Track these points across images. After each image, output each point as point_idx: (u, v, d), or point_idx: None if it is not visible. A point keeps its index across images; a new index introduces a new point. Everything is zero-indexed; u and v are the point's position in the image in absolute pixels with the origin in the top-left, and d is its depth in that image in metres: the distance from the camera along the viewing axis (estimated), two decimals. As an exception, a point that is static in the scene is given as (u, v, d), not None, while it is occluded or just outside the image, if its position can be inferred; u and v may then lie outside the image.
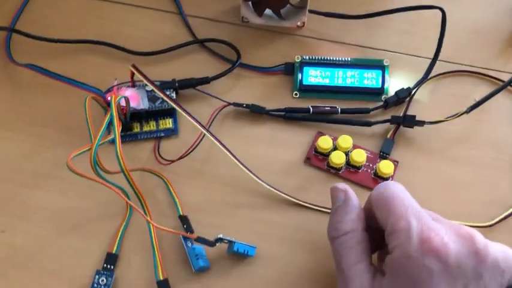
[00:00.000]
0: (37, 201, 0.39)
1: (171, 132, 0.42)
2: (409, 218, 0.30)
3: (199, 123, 0.38)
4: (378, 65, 0.44)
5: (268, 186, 0.40)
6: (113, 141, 0.40)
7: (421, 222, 0.29)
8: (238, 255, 0.37)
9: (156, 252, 0.36)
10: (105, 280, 0.36)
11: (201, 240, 0.36)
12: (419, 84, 0.44)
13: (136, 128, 0.42)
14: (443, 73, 0.45)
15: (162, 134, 0.42)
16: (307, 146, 0.42)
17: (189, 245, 0.37)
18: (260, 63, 0.45)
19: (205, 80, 0.43)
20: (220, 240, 0.36)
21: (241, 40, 0.46)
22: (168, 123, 0.42)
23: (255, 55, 0.46)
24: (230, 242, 0.36)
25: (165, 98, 0.39)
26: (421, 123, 0.41)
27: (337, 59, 0.45)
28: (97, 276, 0.36)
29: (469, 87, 0.45)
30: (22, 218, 0.39)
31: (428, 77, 0.44)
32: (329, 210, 0.39)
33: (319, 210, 0.39)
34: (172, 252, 0.38)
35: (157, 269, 0.36)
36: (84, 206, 0.39)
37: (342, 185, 0.34)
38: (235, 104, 0.43)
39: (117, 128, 0.35)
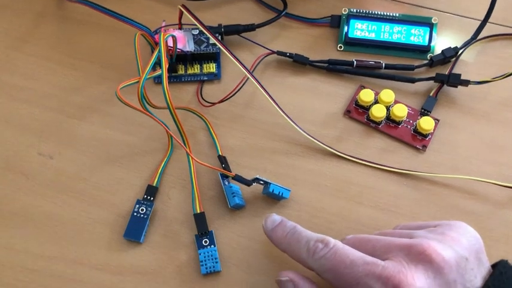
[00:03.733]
0: (83, 132, 0.41)
1: (214, 77, 0.43)
2: (364, 279, 0.28)
3: (244, 66, 0.39)
4: (426, 22, 0.44)
5: (306, 135, 0.40)
6: (159, 80, 0.42)
7: (376, 274, 0.27)
8: (272, 197, 0.38)
9: (194, 186, 0.37)
10: (144, 209, 0.37)
11: (238, 178, 0.37)
12: (467, 44, 0.43)
13: (181, 70, 0.43)
14: (493, 35, 0.44)
15: (205, 78, 0.43)
16: (348, 99, 0.42)
17: (226, 183, 0.38)
18: (306, 14, 0.45)
19: (251, 27, 0.44)
20: (256, 180, 0.37)
21: (289, -10, 0.46)
22: (211, 67, 0.43)
23: (302, 6, 0.46)
24: (266, 183, 0.37)
25: (212, 38, 0.39)
26: (466, 82, 0.41)
27: (385, 13, 0.44)
28: (137, 206, 0.37)
29: (519, 51, 0.44)
30: (69, 146, 0.40)
31: (477, 38, 0.43)
32: (365, 163, 0.40)
33: (355, 162, 0.40)
34: (209, 190, 0.39)
35: (195, 203, 0.37)
36: (128, 140, 0.40)
37: (286, 276, 0.31)
38: (279, 53, 0.43)
39: (165, 62, 0.35)
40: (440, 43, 0.44)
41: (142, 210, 0.37)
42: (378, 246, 0.30)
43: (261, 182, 0.37)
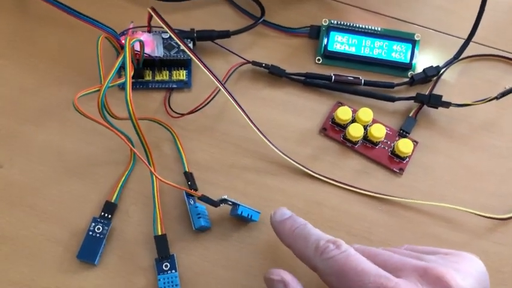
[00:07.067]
0: (38, 139, 0.37)
1: (184, 85, 0.40)
2: None
3: (215, 77, 0.36)
4: (409, 39, 0.42)
5: (279, 153, 0.38)
6: (122, 86, 0.39)
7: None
8: (241, 219, 0.36)
9: (156, 205, 0.35)
10: (101, 228, 0.34)
11: (205, 199, 0.34)
12: (448, 64, 0.42)
13: (148, 76, 0.40)
14: (476, 55, 0.43)
15: (174, 86, 0.40)
16: (324, 116, 0.40)
17: (192, 202, 0.35)
18: (285, 23, 0.43)
19: (226, 34, 0.41)
20: (224, 201, 0.34)
21: (267, -4, 0.43)
22: (181, 74, 0.40)
23: (280, 14, 0.43)
24: (234, 205, 0.35)
25: (183, 46, 0.36)
26: (447, 104, 0.39)
27: (367, 27, 0.42)
28: (93, 224, 0.34)
29: (501, 73, 0.42)
30: (21, 155, 0.37)
31: (459, 58, 0.42)
32: (340, 185, 0.38)
33: (330, 183, 0.38)
34: (172, 208, 0.36)
35: (156, 224, 0.34)
36: (86, 150, 0.37)
37: (278, 274, 0.29)
38: (255, 63, 0.41)
39: (129, 70, 0.33)
40: (421, 61, 0.42)
41: (98, 229, 0.34)
42: (390, 262, 0.28)
43: (229, 203, 0.35)
